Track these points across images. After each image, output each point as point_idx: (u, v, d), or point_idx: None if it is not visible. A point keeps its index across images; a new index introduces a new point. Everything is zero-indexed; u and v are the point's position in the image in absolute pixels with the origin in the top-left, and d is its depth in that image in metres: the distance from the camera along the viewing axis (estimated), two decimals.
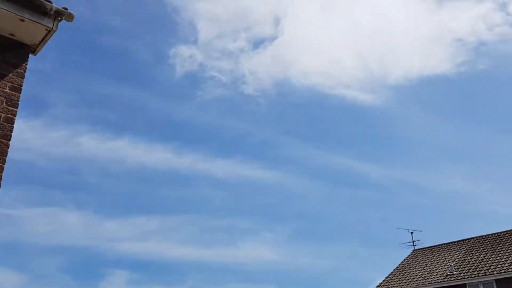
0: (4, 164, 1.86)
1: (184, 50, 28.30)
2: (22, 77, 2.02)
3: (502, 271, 8.65)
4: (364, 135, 28.69)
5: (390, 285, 10.19)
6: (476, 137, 26.72)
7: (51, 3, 1.98)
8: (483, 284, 8.82)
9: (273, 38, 29.68)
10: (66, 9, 2.01)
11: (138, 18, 29.58)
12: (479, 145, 26.58)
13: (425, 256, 10.53)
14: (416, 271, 9.87)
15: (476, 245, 10.28)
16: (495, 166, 26.50)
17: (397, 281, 10.22)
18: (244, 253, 25.00)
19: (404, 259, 10.83)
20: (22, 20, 1.94)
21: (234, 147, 30.00)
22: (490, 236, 10.50)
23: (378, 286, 10.48)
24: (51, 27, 2.00)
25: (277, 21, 28.88)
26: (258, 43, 32.43)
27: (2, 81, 1.94)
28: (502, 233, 10.35)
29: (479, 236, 10.65)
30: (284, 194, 27.63)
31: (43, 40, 2.08)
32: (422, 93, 27.82)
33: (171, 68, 29.25)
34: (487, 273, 8.76)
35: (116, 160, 28.07)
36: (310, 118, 29.03)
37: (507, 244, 9.77)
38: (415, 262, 10.46)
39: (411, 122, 27.06)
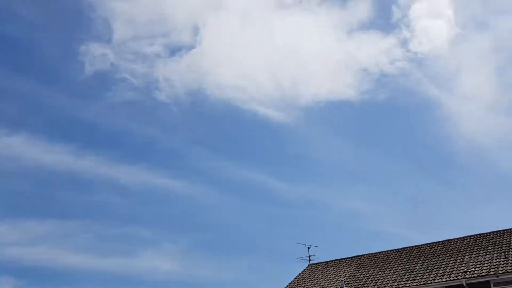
0: None
1: (95, 48, 27.27)
2: None
3: (386, 287, 9.23)
4: (275, 151, 29.70)
5: None
6: (373, 160, 28.38)
7: None
8: None
9: (190, 47, 29.68)
10: None
11: (49, 9, 27.95)
12: (375, 168, 28.33)
13: (319, 271, 10.95)
14: (310, 285, 10.20)
15: (366, 261, 10.90)
16: (386, 188, 28.50)
17: None
18: (143, 264, 24.28)
19: (299, 274, 11.17)
20: None
21: (141, 153, 29.27)
22: (378, 254, 11.20)
23: None
24: None
25: (196, 31, 28.96)
26: (175, 50, 32.13)
27: None
28: (389, 252, 11.11)
29: (369, 254, 11.31)
30: (191, 205, 27.44)
31: None
32: (328, 116, 29.46)
33: (80, 65, 27.96)
34: None
35: (10, 158, 26.08)
36: (222, 131, 29.42)
37: (393, 262, 10.49)
38: (310, 276, 10.82)
39: (318, 142, 28.51)
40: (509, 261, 9.33)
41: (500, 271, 8.84)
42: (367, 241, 24.71)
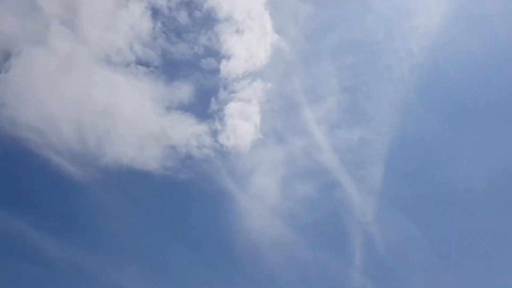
0: None
1: None
2: None
3: None
4: (60, 206, 27.75)
5: None
6: (158, 239, 27.90)
7: None
8: None
9: None
10: None
11: None
12: (155, 247, 27.74)
13: None
14: None
15: None
16: (160, 269, 27.76)
17: None
18: None
19: None
20: None
21: None
22: None
23: None
24: None
25: (6, 57, 26.82)
26: None
27: None
28: None
29: None
30: None
31: None
32: (127, 184, 28.66)
33: None
34: None
35: None
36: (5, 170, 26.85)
37: None
38: None
39: (109, 207, 27.13)
40: None
41: None
42: None
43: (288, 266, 28.03)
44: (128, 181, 28.77)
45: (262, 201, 30.78)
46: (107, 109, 28.41)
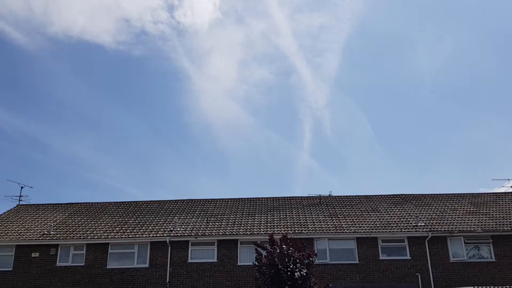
0: None
1: None
2: None
3: (96, 237, 9.27)
4: (8, 76, 27.39)
5: None
6: (111, 112, 27.95)
7: None
8: (75, 246, 9.36)
9: None
10: None
11: None
12: (110, 119, 27.87)
13: (29, 212, 10.78)
14: (14, 226, 10.04)
15: (80, 209, 10.87)
16: (117, 141, 28.69)
17: None
18: None
19: (4, 213, 10.94)
20: None
21: None
22: (95, 204, 11.22)
23: None
24: None
25: None
26: None
27: None
28: (107, 203, 11.21)
29: (86, 203, 11.29)
30: None
31: None
32: (77, 55, 27.77)
33: None
34: (81, 237, 9.29)
35: None
36: None
37: (108, 214, 10.57)
38: (16, 216, 10.64)
39: (59, 78, 26.48)
40: (209, 226, 9.68)
41: (199, 234, 9.18)
42: (86, 190, 24.88)
43: (240, 145, 28.99)
44: (79, 52, 27.94)
45: (218, 83, 30.67)
46: None
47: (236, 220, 9.97)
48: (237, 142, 29.19)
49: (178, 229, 9.54)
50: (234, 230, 9.32)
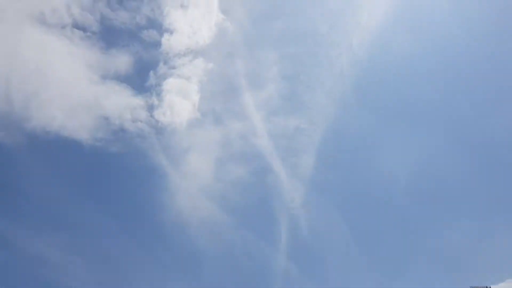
0: None
1: None
2: None
3: None
4: None
5: None
6: (82, 209, 27.18)
7: None
8: None
9: None
10: None
11: None
12: (82, 217, 27.01)
13: None
14: None
15: None
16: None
17: None
18: None
19: None
20: None
21: None
22: None
23: None
24: None
25: None
26: None
27: None
28: None
29: None
30: None
31: None
32: (53, 151, 27.72)
33: None
34: None
35: None
36: None
37: None
38: None
39: (31, 174, 26.31)
40: None
41: None
42: None
43: (215, 245, 28.16)
44: (56, 148, 27.46)
45: (194, 181, 30.64)
46: (38, 70, 26.71)
47: None
48: (212, 242, 28.62)
49: None
50: None
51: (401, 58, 32.80)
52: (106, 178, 29.01)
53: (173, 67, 31.75)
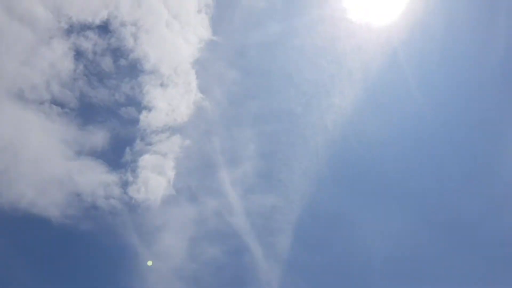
0: None
1: None
2: None
3: None
4: None
5: None
6: None
7: None
8: None
9: None
10: None
11: None
12: None
13: None
14: None
15: None
16: None
17: None
18: None
19: None
20: None
21: None
22: None
23: None
24: None
25: None
26: None
27: None
28: None
29: None
30: None
31: None
32: (22, 230, 27.12)
33: None
34: None
35: None
36: None
37: None
38: None
39: (2, 256, 25.04)
40: None
41: None
42: None
43: None
44: (23, 226, 26.51)
45: (166, 261, 29.88)
46: (10, 145, 26.49)
47: None
48: None
49: None
50: None
51: (374, 138, 33.73)
52: (73, 258, 27.76)
53: (150, 144, 31.98)
